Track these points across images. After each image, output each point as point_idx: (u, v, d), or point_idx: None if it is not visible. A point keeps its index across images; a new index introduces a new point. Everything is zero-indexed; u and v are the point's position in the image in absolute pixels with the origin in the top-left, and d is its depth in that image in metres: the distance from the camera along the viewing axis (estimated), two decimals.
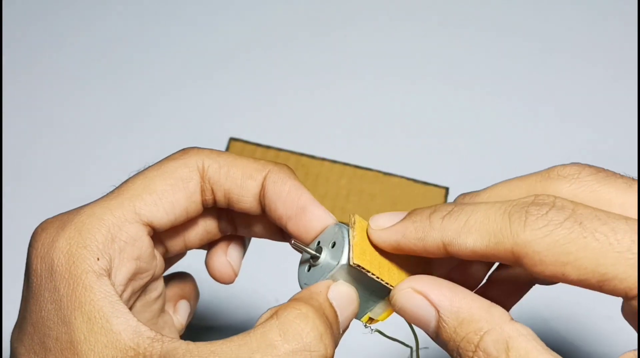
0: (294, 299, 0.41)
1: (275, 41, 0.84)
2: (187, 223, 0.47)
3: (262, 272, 0.68)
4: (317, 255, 0.43)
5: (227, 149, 0.76)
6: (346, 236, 0.42)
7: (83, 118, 0.79)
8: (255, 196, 0.45)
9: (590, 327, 0.66)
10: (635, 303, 0.37)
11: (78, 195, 0.50)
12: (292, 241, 0.44)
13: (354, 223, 0.43)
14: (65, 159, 0.76)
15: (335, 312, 0.41)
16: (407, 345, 0.47)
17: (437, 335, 0.40)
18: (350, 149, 0.77)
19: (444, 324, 0.40)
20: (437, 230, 0.40)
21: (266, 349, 0.38)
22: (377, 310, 0.44)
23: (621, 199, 0.40)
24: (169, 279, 0.52)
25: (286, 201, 0.45)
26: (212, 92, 0.81)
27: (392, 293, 0.42)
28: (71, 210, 0.43)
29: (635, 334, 0.38)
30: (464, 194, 0.44)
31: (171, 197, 0.44)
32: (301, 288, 0.44)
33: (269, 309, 0.41)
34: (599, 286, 0.37)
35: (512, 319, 0.39)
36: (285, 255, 0.55)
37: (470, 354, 0.39)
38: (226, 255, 0.50)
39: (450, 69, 0.82)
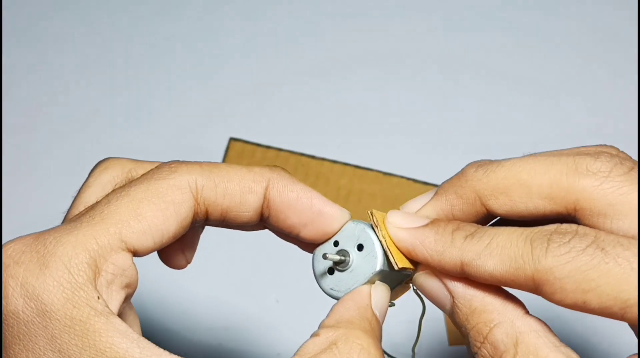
0: (350, 323, 0.40)
1: (275, 41, 0.84)
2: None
3: (262, 271, 0.68)
4: (347, 259, 0.42)
5: (227, 149, 0.76)
6: (374, 238, 0.42)
7: (83, 118, 0.79)
8: (257, 209, 0.43)
9: (607, 324, 0.66)
10: None
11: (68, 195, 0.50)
12: (324, 254, 0.42)
13: (377, 221, 0.42)
14: (63, 159, 0.76)
15: (379, 323, 0.41)
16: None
17: (451, 317, 0.40)
18: (350, 149, 0.76)
19: (457, 310, 0.39)
20: (457, 248, 0.39)
21: None
22: (392, 294, 0.44)
23: None
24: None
25: (298, 209, 0.42)
26: (213, 92, 0.81)
27: (414, 276, 0.42)
28: (46, 234, 0.38)
29: None
30: (476, 166, 0.42)
31: (162, 225, 0.40)
32: (328, 293, 0.43)
33: (316, 334, 0.39)
34: (622, 314, 0.36)
35: (526, 313, 0.39)
36: (286, 255, 0.55)
37: (479, 345, 0.38)
38: (180, 244, 0.46)
39: (450, 69, 0.82)
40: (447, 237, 0.40)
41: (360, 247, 0.42)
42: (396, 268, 0.41)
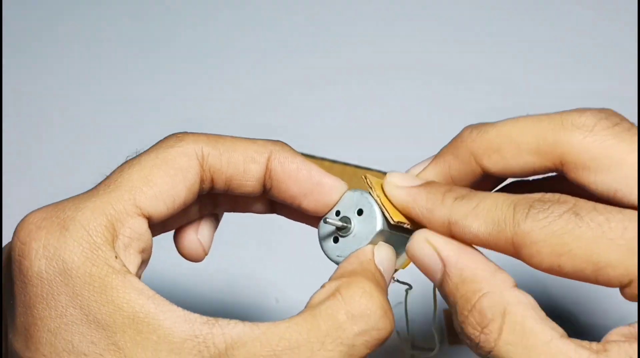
0: (352, 273, 0.41)
1: (275, 41, 0.84)
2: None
3: (262, 271, 0.69)
4: (349, 225, 0.44)
5: None
6: (372, 201, 0.43)
7: (82, 116, 0.79)
8: (259, 180, 0.44)
9: (593, 296, 0.66)
10: (629, 290, 0.37)
11: (74, 190, 0.50)
12: (326, 219, 0.43)
13: (372, 183, 0.44)
14: (61, 154, 0.76)
15: (384, 278, 0.42)
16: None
17: (441, 287, 0.41)
18: (350, 149, 0.77)
19: (448, 278, 0.40)
20: (447, 207, 0.41)
21: (336, 332, 0.38)
22: (400, 260, 0.45)
23: (635, 162, 0.39)
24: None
25: (298, 179, 0.44)
26: (212, 92, 0.81)
27: (408, 244, 0.43)
28: (65, 202, 0.41)
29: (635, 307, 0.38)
30: (471, 128, 0.44)
31: (172, 190, 0.42)
32: (335, 261, 0.44)
33: (322, 286, 0.41)
34: (595, 276, 0.37)
35: (515, 286, 0.39)
36: (286, 255, 0.55)
37: (466, 313, 0.39)
38: (197, 233, 0.47)
39: (450, 69, 0.82)
40: (439, 197, 0.42)
41: (360, 212, 0.44)
42: (392, 222, 0.43)
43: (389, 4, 0.87)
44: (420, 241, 0.42)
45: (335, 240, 0.44)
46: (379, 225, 0.43)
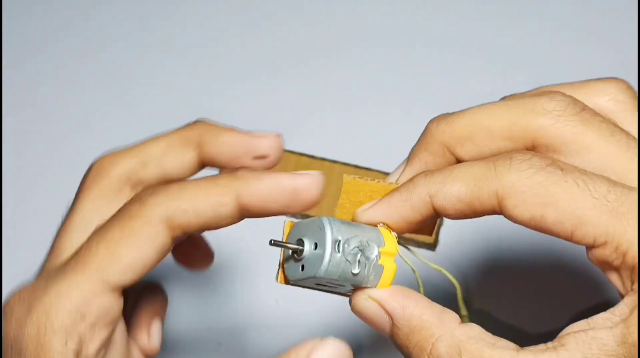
0: None
1: (275, 41, 0.84)
2: None
3: (262, 271, 0.68)
4: (300, 248, 0.41)
5: None
6: (329, 241, 0.40)
7: (83, 117, 0.79)
8: (234, 217, 0.44)
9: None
10: (598, 251, 0.38)
11: (74, 190, 0.50)
12: (271, 240, 0.42)
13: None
14: (61, 157, 0.76)
15: None
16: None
17: (392, 339, 0.41)
18: (350, 149, 0.77)
19: (397, 331, 0.40)
20: (421, 185, 0.41)
21: None
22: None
23: (602, 148, 0.40)
24: (137, 297, 0.51)
25: (273, 198, 0.43)
26: (212, 92, 0.81)
27: (351, 298, 0.42)
28: (38, 282, 0.42)
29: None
30: (437, 120, 0.45)
31: (141, 260, 0.42)
32: (283, 272, 0.43)
33: None
34: (571, 231, 0.38)
35: (461, 322, 0.40)
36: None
37: None
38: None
39: (450, 70, 0.82)
40: (408, 184, 0.42)
41: (316, 245, 0.41)
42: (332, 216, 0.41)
43: (399, 8, 0.87)
44: (363, 300, 0.41)
45: (293, 258, 0.42)
46: (323, 271, 0.40)
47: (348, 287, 0.42)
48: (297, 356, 0.41)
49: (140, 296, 0.51)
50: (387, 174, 0.76)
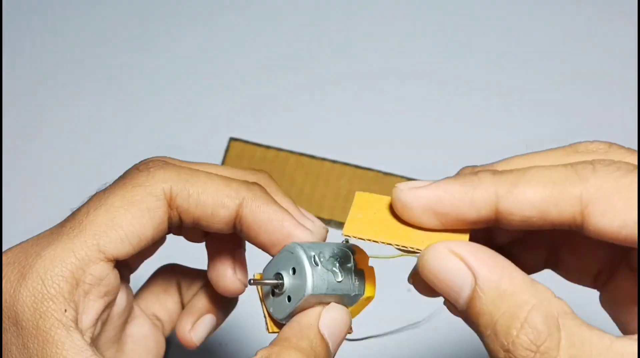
0: (287, 341, 0.39)
1: (276, 41, 0.84)
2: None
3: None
4: (281, 282, 0.41)
5: (227, 149, 0.76)
6: (305, 261, 0.40)
7: (83, 118, 0.79)
8: (229, 224, 0.43)
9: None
10: None
11: (78, 195, 0.50)
12: (249, 280, 0.42)
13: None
14: (64, 159, 0.76)
15: (327, 345, 0.40)
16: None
17: (468, 306, 0.35)
18: (351, 149, 0.77)
19: (481, 294, 0.34)
20: (489, 181, 0.35)
21: None
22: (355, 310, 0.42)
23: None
24: (201, 287, 0.49)
25: (268, 230, 0.42)
26: (213, 92, 0.81)
27: (423, 252, 0.36)
28: (32, 244, 0.40)
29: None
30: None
31: (138, 231, 0.41)
32: (269, 314, 0.42)
33: (258, 352, 0.39)
34: None
35: (554, 295, 0.35)
36: None
37: (515, 332, 0.33)
38: (234, 271, 0.46)
39: (450, 70, 0.82)
40: (472, 176, 0.36)
41: (294, 270, 0.41)
42: (344, 233, 0.38)
43: (399, 9, 0.87)
44: (443, 256, 0.35)
45: (273, 294, 0.42)
46: (309, 289, 0.39)
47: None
48: (307, 319, 0.40)
49: (201, 289, 0.49)
50: (387, 174, 0.77)
